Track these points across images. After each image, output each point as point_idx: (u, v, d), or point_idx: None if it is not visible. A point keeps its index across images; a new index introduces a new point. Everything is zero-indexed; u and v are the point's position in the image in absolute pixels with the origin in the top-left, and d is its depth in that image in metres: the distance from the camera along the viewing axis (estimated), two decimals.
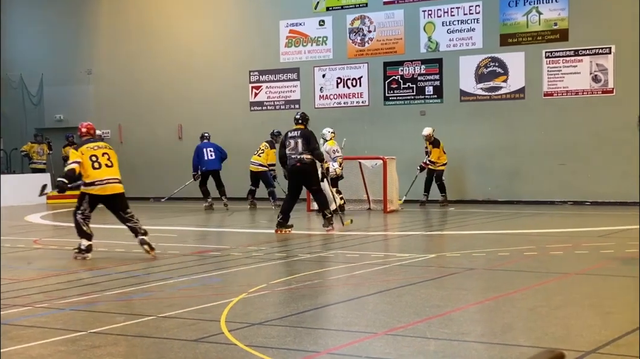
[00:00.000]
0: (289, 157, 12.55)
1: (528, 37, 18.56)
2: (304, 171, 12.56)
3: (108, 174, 10.19)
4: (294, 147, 12.51)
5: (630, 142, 17.47)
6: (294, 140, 12.56)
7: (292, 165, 12.53)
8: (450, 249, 10.81)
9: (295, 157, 12.49)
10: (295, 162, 12.49)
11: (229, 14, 21.86)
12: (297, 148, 12.49)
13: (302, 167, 12.52)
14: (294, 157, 12.49)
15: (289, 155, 12.55)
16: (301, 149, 12.46)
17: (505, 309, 6.84)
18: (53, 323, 6.46)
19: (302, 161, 12.48)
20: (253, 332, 6.05)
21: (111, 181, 10.15)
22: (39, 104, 24.27)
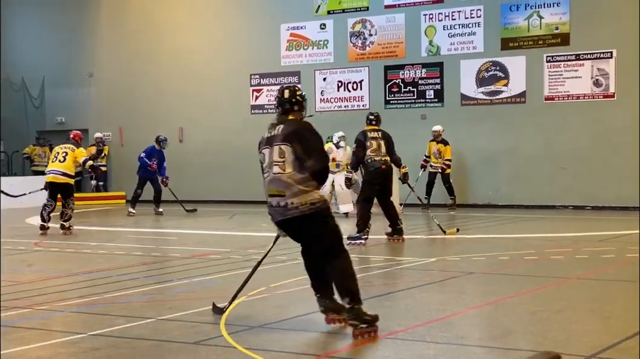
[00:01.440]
0: (372, 160, 11.52)
1: (529, 41, 18.56)
2: (388, 174, 11.65)
3: None
4: (376, 149, 11.52)
5: (631, 147, 17.46)
6: (376, 141, 11.56)
7: (377, 167, 11.51)
8: (450, 253, 10.81)
9: (380, 160, 11.54)
10: (381, 165, 11.53)
11: (230, 17, 21.88)
12: (380, 150, 11.54)
13: (387, 170, 11.61)
14: (377, 159, 11.51)
15: (372, 157, 11.51)
16: (384, 151, 11.58)
17: (505, 313, 6.84)
18: (53, 325, 6.47)
19: (387, 163, 11.60)
20: (253, 335, 6.05)
21: None
22: (40, 107, 24.29)
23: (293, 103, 6.26)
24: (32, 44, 24.36)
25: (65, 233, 14.01)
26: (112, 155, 23.18)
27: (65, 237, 13.86)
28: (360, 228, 11.54)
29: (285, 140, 6.00)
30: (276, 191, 6.01)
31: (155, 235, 13.82)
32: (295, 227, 6.08)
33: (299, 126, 6.10)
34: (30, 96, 24.27)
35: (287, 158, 5.97)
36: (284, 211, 6.01)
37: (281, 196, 5.98)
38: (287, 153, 5.98)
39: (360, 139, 11.66)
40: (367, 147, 11.52)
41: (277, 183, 6.01)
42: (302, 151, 5.96)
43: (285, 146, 5.99)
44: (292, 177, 5.93)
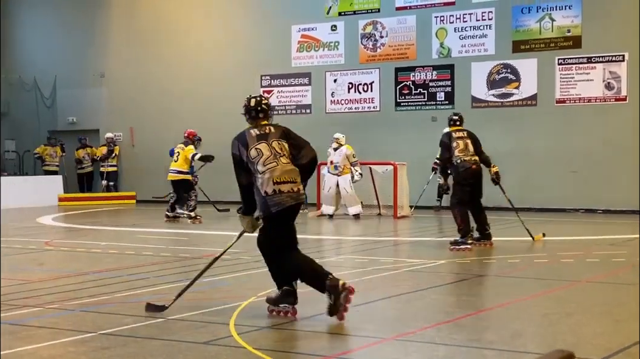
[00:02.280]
0: (462, 160, 11.14)
1: (541, 44, 18.52)
2: (479, 174, 11.28)
3: None
4: (464, 148, 11.17)
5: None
6: (462, 141, 11.22)
7: (468, 167, 11.12)
8: (460, 256, 10.78)
9: (470, 159, 11.17)
10: (471, 165, 11.15)
11: (240, 18, 21.91)
12: (468, 149, 11.19)
13: (478, 169, 11.25)
14: (467, 159, 11.13)
15: (461, 157, 11.13)
16: (472, 150, 11.23)
17: (515, 316, 6.82)
18: (63, 323, 6.48)
19: (477, 163, 11.23)
20: (262, 335, 6.06)
21: None
22: (52, 107, 24.39)
23: (259, 111, 6.92)
24: (44, 45, 24.46)
25: (194, 222, 15.86)
26: (123, 155, 23.25)
27: (74, 237, 13.93)
28: (464, 232, 11.04)
29: (281, 137, 6.71)
30: (290, 178, 6.59)
31: (165, 235, 13.85)
32: (296, 212, 6.74)
33: (285, 128, 6.91)
34: (42, 96, 24.36)
35: (286, 152, 6.66)
36: (297, 196, 6.62)
37: (294, 182, 6.60)
38: (284, 148, 6.67)
39: (444, 141, 11.32)
40: (454, 148, 11.15)
41: (289, 172, 6.61)
42: (294, 147, 6.72)
43: (283, 141, 6.69)
44: (294, 168, 6.64)
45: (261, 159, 6.58)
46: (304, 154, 6.67)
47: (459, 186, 11.25)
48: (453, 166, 11.21)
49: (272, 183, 6.50)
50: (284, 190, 6.53)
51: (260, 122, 6.84)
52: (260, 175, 6.55)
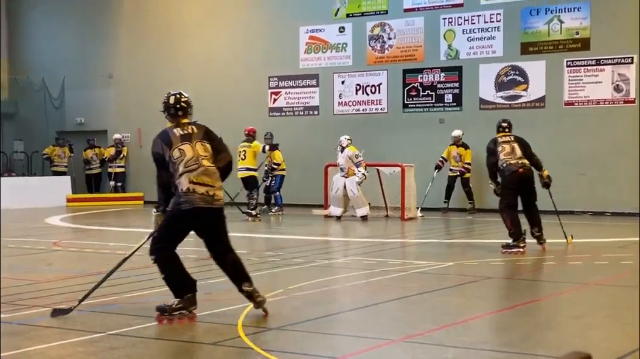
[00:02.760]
0: (508, 164, 11.05)
1: (549, 46, 18.49)
2: (528, 177, 11.15)
3: None
4: (510, 152, 11.11)
5: None
6: (508, 145, 11.17)
7: (514, 171, 11.02)
8: (468, 258, 10.77)
9: (516, 163, 11.05)
10: (517, 168, 11.03)
11: (248, 19, 21.93)
12: (514, 153, 11.10)
13: (526, 173, 11.12)
14: (513, 162, 11.03)
15: (506, 161, 11.06)
16: (520, 154, 11.14)
17: (524, 319, 6.81)
18: (72, 324, 6.50)
19: (525, 166, 11.11)
20: (270, 337, 6.06)
21: None
22: (60, 108, 24.45)
23: (178, 109, 6.99)
24: (53, 46, 24.53)
25: (254, 220, 16.19)
26: (131, 156, 23.29)
27: (83, 237, 13.96)
28: (515, 236, 10.93)
29: (204, 138, 6.71)
30: (210, 180, 6.56)
31: None
32: (213, 218, 6.65)
33: (207, 128, 6.90)
34: (51, 96, 24.43)
35: (209, 154, 6.65)
36: (210, 200, 6.55)
37: (211, 186, 6.56)
38: (208, 150, 6.67)
39: (490, 146, 11.39)
40: (500, 152, 11.14)
41: (209, 175, 6.58)
42: (215, 148, 6.74)
43: (206, 143, 6.69)
44: (216, 171, 6.63)
45: (183, 161, 6.54)
46: (221, 158, 6.66)
47: (506, 190, 11.19)
48: (500, 170, 11.18)
49: (189, 182, 6.47)
50: (199, 191, 6.49)
51: (180, 121, 6.82)
52: (180, 175, 6.51)
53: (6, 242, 12.26)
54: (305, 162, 19.89)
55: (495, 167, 11.21)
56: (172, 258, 6.70)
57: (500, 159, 11.12)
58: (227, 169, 6.77)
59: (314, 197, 18.95)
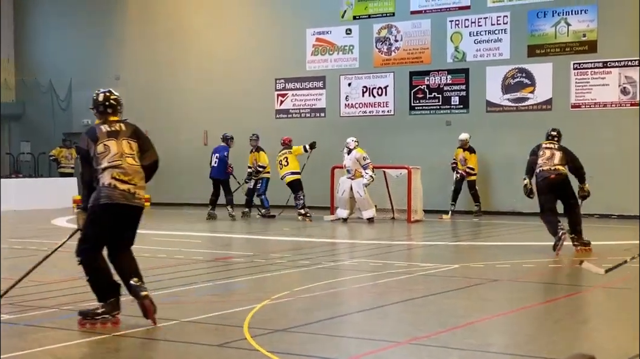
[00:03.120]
0: (541, 170, 11.46)
1: (556, 48, 18.47)
2: (559, 182, 11.46)
3: None
4: (548, 157, 11.47)
5: None
6: (549, 151, 11.53)
7: (545, 177, 11.41)
8: (474, 260, 10.76)
9: (549, 169, 11.41)
10: (549, 175, 11.39)
11: (255, 21, 21.96)
12: (552, 159, 11.44)
13: (558, 179, 11.43)
14: (546, 168, 11.42)
15: (541, 167, 11.47)
16: (557, 161, 11.44)
17: (530, 321, 6.80)
18: (78, 325, 6.51)
19: (558, 172, 11.43)
20: (276, 338, 6.06)
21: None
22: (67, 109, 24.50)
23: (107, 106, 6.87)
24: (60, 48, 24.59)
25: (305, 220, 16.81)
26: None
27: None
28: (553, 233, 11.26)
29: (131, 136, 6.71)
30: (132, 178, 6.58)
31: (179, 238, 13.88)
32: (131, 216, 6.67)
33: (135, 126, 6.89)
34: (58, 98, 24.49)
35: (135, 152, 6.67)
36: (130, 198, 6.57)
37: (133, 184, 6.58)
38: (134, 148, 6.68)
39: (533, 149, 11.77)
40: (540, 156, 11.50)
41: (132, 173, 6.59)
42: (142, 147, 6.76)
43: (133, 141, 6.69)
44: (140, 170, 6.65)
45: (107, 156, 6.53)
46: (146, 157, 6.69)
47: (539, 194, 11.58)
48: (535, 174, 11.55)
49: (111, 177, 6.47)
50: (120, 187, 6.49)
51: (109, 118, 6.78)
52: (103, 170, 6.50)
53: (12, 243, 12.30)
54: (311, 164, 19.87)
55: (534, 165, 11.54)
56: (97, 260, 6.65)
57: (537, 164, 11.49)
58: (152, 169, 6.78)
59: (320, 199, 18.96)
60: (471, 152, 18.37)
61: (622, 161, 17.85)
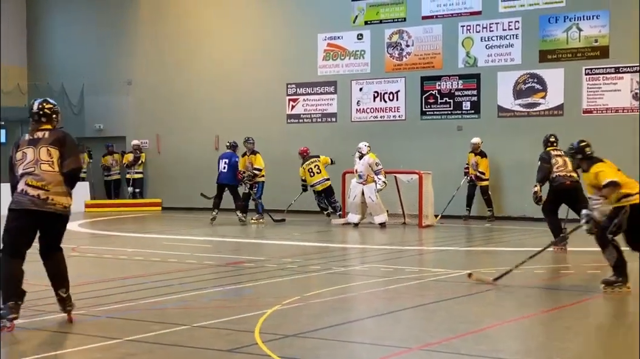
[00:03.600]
0: (558, 176, 12.12)
1: (568, 54, 18.42)
2: (574, 188, 12.12)
3: None
4: (562, 165, 12.12)
5: None
6: (561, 158, 12.17)
7: (561, 183, 12.12)
8: (485, 266, 10.73)
9: (565, 175, 12.10)
10: (566, 181, 12.10)
11: (267, 26, 22.00)
12: (566, 166, 12.04)
13: (573, 185, 12.10)
14: (562, 174, 12.10)
15: (558, 174, 12.12)
16: (571, 167, 11.83)
17: (541, 327, 6.78)
18: (90, 329, 6.53)
19: (573, 179, 12.09)
20: (287, 344, 6.07)
21: None
22: (79, 114, 24.61)
23: (41, 115, 7.06)
24: (72, 52, 24.70)
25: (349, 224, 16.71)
26: (149, 162, 23.38)
27: (101, 243, 14.04)
28: (554, 234, 12.11)
29: (53, 144, 6.85)
30: (43, 185, 6.70)
31: (190, 242, 13.91)
32: (45, 222, 6.78)
33: (63, 134, 7.00)
34: (70, 102, 24.59)
35: (54, 159, 6.80)
36: (41, 204, 6.69)
37: (44, 189, 6.69)
38: (54, 155, 6.81)
39: (544, 157, 12.39)
40: (554, 165, 12.14)
41: (45, 179, 6.72)
42: (64, 155, 6.85)
43: (53, 148, 6.83)
44: (57, 177, 6.76)
45: (23, 163, 6.75)
46: (66, 164, 6.77)
47: (551, 196, 12.34)
48: (550, 179, 12.22)
49: (24, 184, 6.66)
50: (30, 193, 6.64)
51: (40, 127, 6.98)
52: (20, 176, 6.72)
53: None
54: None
55: (549, 175, 12.18)
56: (8, 262, 6.71)
57: (553, 171, 12.16)
58: (72, 176, 6.86)
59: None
60: (482, 156, 18.36)
61: (634, 167, 17.74)
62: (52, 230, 6.87)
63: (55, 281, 6.93)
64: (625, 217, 8.53)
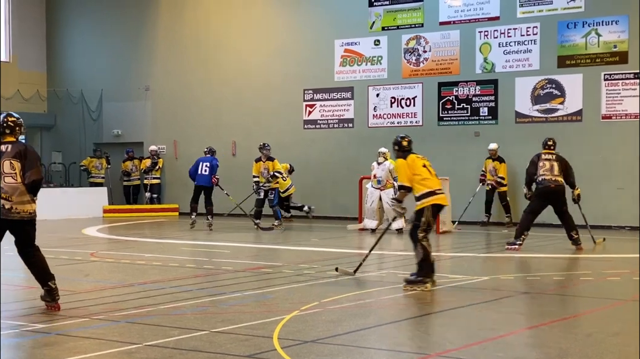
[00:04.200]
0: (543, 179, 12.93)
1: (586, 59, 18.35)
2: (558, 192, 12.94)
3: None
4: (548, 169, 12.91)
5: None
6: (549, 162, 12.98)
7: (546, 186, 12.89)
8: (504, 272, 10.70)
9: (551, 179, 12.90)
10: (550, 184, 12.88)
11: (284, 32, 22.04)
12: (552, 170, 12.89)
13: (557, 189, 12.93)
14: (548, 178, 12.88)
15: (543, 176, 12.93)
16: (557, 171, 12.92)
17: (561, 335, 6.75)
18: (109, 334, 6.56)
19: (558, 182, 12.92)
20: (306, 349, 6.07)
21: None
22: (98, 120, 24.75)
23: (5, 127, 7.58)
24: (91, 59, 24.85)
25: None
26: (166, 168, 23.47)
27: (119, 248, 14.10)
28: (517, 234, 13.09)
29: (15, 157, 7.43)
30: (7, 195, 7.39)
31: (208, 248, 13.95)
32: (12, 228, 7.52)
33: (24, 147, 7.55)
34: (89, 108, 24.74)
35: (17, 171, 7.43)
36: (6, 212, 7.40)
37: (8, 200, 7.38)
38: (16, 167, 7.43)
39: (533, 159, 13.14)
40: (540, 167, 12.94)
41: (9, 190, 7.39)
42: (25, 167, 7.43)
43: (15, 161, 7.43)
44: (20, 187, 7.40)
45: None
46: (27, 176, 7.34)
47: (536, 199, 13.12)
48: (536, 181, 12.98)
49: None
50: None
51: (4, 139, 7.49)
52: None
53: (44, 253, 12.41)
54: (339, 174, 19.93)
55: (533, 176, 13.00)
56: None
57: (539, 174, 12.92)
58: (33, 187, 7.43)
59: (348, 209, 18.94)
60: (501, 162, 18.33)
61: None
62: (21, 233, 7.59)
63: (42, 277, 7.65)
64: (429, 215, 9.09)
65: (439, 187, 9.34)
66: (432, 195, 9.17)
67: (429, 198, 9.10)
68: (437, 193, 9.23)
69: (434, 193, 9.20)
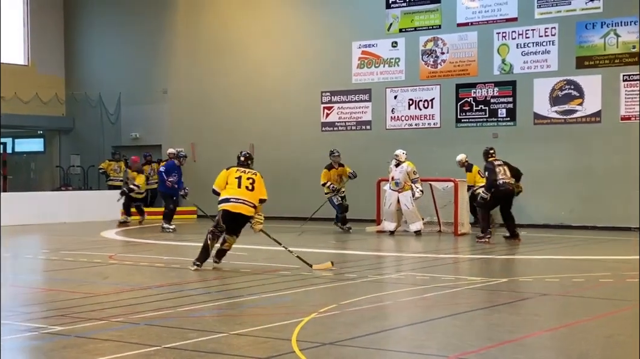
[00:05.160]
0: (504, 182, 14.62)
1: (605, 60, 18.24)
2: (512, 192, 14.96)
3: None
4: (504, 173, 14.69)
5: None
6: (502, 167, 14.75)
7: (506, 188, 14.69)
8: (522, 274, 10.64)
9: (508, 182, 14.70)
10: (508, 186, 14.70)
11: (302, 34, 22.07)
12: (507, 174, 14.71)
13: (513, 189, 14.91)
14: (507, 181, 14.67)
15: (504, 179, 14.61)
16: (509, 175, 14.78)
17: (581, 337, 6.71)
18: (128, 337, 6.58)
19: (512, 184, 14.82)
20: (324, 352, 6.06)
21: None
22: (116, 123, 24.87)
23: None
24: (109, 63, 24.99)
25: None
26: (184, 171, 23.49)
27: (137, 251, 14.15)
28: (483, 229, 14.88)
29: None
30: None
31: None
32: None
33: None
34: (107, 112, 24.87)
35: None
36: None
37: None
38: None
39: (490, 167, 14.74)
40: (498, 173, 14.61)
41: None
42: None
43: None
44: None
45: None
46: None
47: (494, 198, 14.67)
48: (496, 185, 14.57)
49: None
50: None
51: None
52: None
53: (63, 256, 12.50)
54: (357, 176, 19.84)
55: (495, 182, 14.55)
56: None
57: (498, 177, 14.58)
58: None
59: (366, 211, 18.92)
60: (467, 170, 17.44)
61: None
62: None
63: None
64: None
65: None
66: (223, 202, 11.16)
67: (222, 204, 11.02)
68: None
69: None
